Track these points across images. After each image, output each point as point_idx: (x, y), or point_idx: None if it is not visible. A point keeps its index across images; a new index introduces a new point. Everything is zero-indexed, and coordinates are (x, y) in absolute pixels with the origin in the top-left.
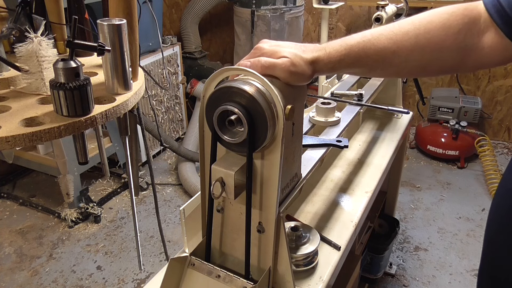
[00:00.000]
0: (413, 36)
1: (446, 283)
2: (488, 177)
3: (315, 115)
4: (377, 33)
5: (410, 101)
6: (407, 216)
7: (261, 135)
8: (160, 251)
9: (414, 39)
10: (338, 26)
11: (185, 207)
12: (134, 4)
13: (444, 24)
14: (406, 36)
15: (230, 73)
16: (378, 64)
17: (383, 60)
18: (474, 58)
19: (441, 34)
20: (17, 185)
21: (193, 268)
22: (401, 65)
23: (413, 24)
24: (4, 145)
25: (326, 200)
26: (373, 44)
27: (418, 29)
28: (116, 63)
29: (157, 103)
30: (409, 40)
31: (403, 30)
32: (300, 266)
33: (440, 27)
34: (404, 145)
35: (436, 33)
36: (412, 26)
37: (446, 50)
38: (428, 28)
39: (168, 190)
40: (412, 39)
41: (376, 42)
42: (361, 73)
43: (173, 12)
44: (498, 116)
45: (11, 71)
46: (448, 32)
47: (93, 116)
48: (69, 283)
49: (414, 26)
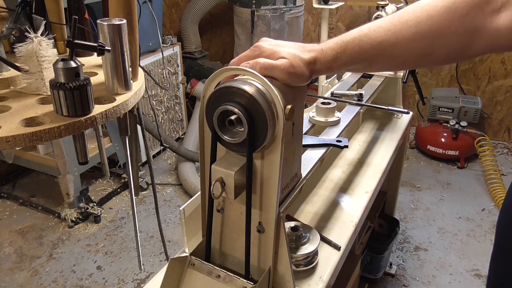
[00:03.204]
0: (413, 25)
1: (446, 283)
2: (488, 177)
3: (315, 115)
4: (375, 25)
5: (410, 101)
6: (407, 216)
7: (261, 135)
8: (160, 251)
9: (415, 28)
10: (338, 26)
11: (185, 207)
12: (134, 4)
13: (449, 7)
14: (405, 26)
15: (230, 73)
16: (378, 58)
17: (382, 53)
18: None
19: (445, 19)
20: (17, 185)
21: (193, 268)
22: (403, 56)
23: (413, 12)
24: (4, 145)
25: (326, 200)
26: (370, 38)
27: (419, 17)
28: (116, 63)
29: (157, 103)
30: (409, 29)
31: (402, 20)
32: (300, 266)
33: (444, 11)
34: (404, 145)
35: (439, 19)
36: (413, 15)
37: (452, 35)
38: (431, 14)
39: (168, 190)
40: (412, 28)
41: (373, 36)
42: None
43: (173, 12)
44: (498, 116)
45: (11, 71)
46: (453, 16)
47: (93, 116)
48: (69, 283)
49: (415, 14)
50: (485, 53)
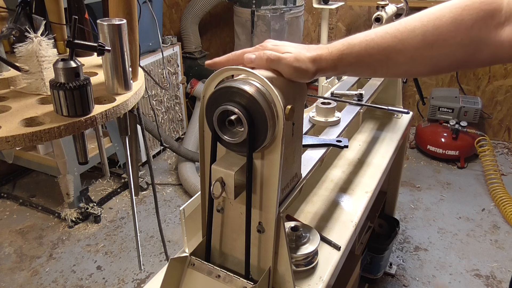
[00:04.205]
0: (420, 34)
1: (446, 283)
2: (488, 177)
3: (315, 115)
4: (382, 31)
5: (410, 101)
6: (407, 216)
7: (261, 135)
8: (160, 251)
9: (421, 36)
10: (338, 26)
11: (185, 207)
12: (134, 4)
13: (456, 19)
14: (412, 34)
15: (230, 73)
16: (383, 64)
17: (387, 59)
18: (490, 52)
19: (451, 30)
20: (17, 185)
21: (193, 268)
22: (408, 63)
23: (420, 20)
24: (4, 145)
25: (326, 200)
26: (376, 43)
27: (426, 26)
28: (116, 63)
29: (157, 103)
30: (415, 37)
31: (409, 28)
32: (300, 266)
33: (451, 23)
34: (404, 145)
35: (446, 29)
36: (420, 23)
37: (457, 46)
38: (437, 24)
39: (168, 190)
40: (419, 36)
41: (379, 41)
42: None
43: (173, 12)
44: (498, 116)
45: (11, 71)
46: (459, 27)
47: (93, 116)
48: (69, 283)
49: (422, 23)
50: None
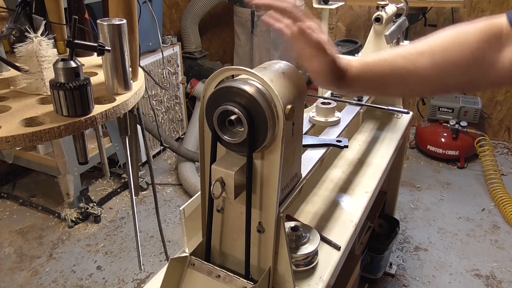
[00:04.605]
0: (428, 56)
1: (446, 283)
2: (488, 177)
3: (315, 115)
4: (394, 53)
5: (410, 101)
6: (407, 216)
7: (261, 135)
8: (160, 251)
9: (430, 58)
10: (338, 26)
11: (185, 207)
12: (134, 4)
13: (462, 42)
14: (421, 56)
15: (230, 73)
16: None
17: (401, 79)
18: (495, 74)
19: (458, 52)
20: (17, 185)
21: (193, 268)
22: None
23: (428, 44)
24: (4, 145)
25: (326, 200)
26: (390, 64)
27: (434, 49)
28: (116, 63)
29: (157, 103)
30: (424, 59)
31: (418, 50)
32: (300, 266)
33: (457, 45)
34: (404, 145)
35: (453, 51)
36: (428, 47)
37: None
38: (445, 47)
39: (168, 190)
40: (427, 58)
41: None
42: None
43: (173, 12)
44: (498, 116)
45: (11, 71)
46: (465, 50)
47: (93, 116)
48: (69, 283)
49: (430, 46)
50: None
